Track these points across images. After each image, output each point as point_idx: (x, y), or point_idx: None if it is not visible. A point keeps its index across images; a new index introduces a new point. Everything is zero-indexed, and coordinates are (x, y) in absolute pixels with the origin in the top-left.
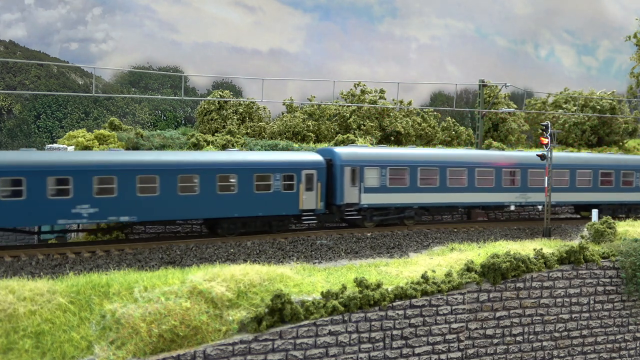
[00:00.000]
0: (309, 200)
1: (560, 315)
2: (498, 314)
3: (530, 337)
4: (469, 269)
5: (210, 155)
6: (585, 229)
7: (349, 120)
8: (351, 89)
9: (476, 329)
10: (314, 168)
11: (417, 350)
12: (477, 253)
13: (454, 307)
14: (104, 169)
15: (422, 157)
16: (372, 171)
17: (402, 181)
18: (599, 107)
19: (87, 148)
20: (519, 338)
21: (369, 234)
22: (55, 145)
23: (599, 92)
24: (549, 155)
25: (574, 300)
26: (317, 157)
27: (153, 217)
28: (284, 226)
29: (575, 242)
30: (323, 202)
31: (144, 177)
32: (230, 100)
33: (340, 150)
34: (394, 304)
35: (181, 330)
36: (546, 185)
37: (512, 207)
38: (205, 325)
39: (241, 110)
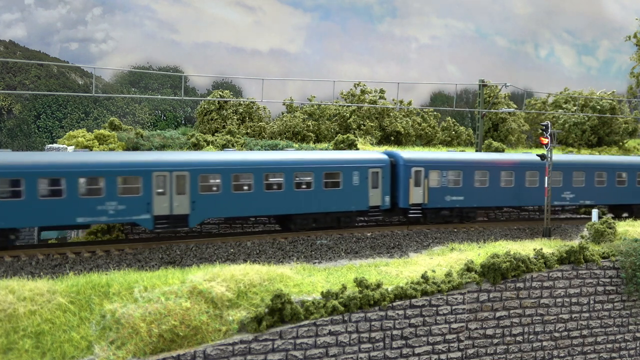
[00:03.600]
0: None
1: (560, 315)
2: (498, 314)
3: (530, 337)
4: (469, 269)
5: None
6: (585, 229)
7: (349, 120)
8: (351, 89)
9: (476, 329)
10: None
11: (417, 350)
12: (477, 253)
13: (454, 307)
14: (581, 167)
15: None
16: None
17: None
18: (599, 107)
19: (87, 148)
20: (519, 338)
21: (369, 234)
22: (55, 145)
23: (599, 92)
24: (549, 155)
25: (574, 300)
26: None
27: (604, 202)
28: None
29: (575, 242)
30: None
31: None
32: (230, 100)
33: None
34: (394, 304)
35: (181, 330)
36: (546, 186)
37: None
38: (205, 325)
39: (241, 110)
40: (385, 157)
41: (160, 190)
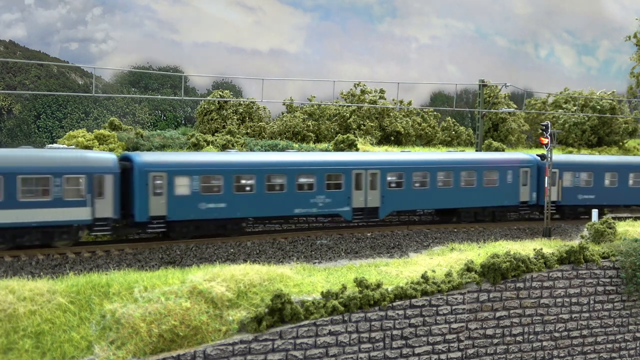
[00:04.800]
0: None
1: (560, 315)
2: (498, 314)
3: (530, 337)
4: (469, 269)
5: None
6: (585, 229)
7: (349, 120)
8: (351, 89)
9: (476, 329)
10: None
11: (417, 350)
12: (477, 253)
13: (454, 307)
14: None
15: None
16: None
17: None
18: (599, 107)
19: (87, 148)
20: (519, 338)
21: (369, 234)
22: (55, 145)
23: (599, 92)
24: (549, 155)
25: (574, 300)
26: None
27: None
28: None
29: (575, 242)
30: None
31: None
32: (230, 100)
33: None
34: (394, 304)
35: (181, 330)
36: (546, 186)
37: None
38: (205, 325)
39: (241, 110)
40: (533, 157)
41: (357, 186)
